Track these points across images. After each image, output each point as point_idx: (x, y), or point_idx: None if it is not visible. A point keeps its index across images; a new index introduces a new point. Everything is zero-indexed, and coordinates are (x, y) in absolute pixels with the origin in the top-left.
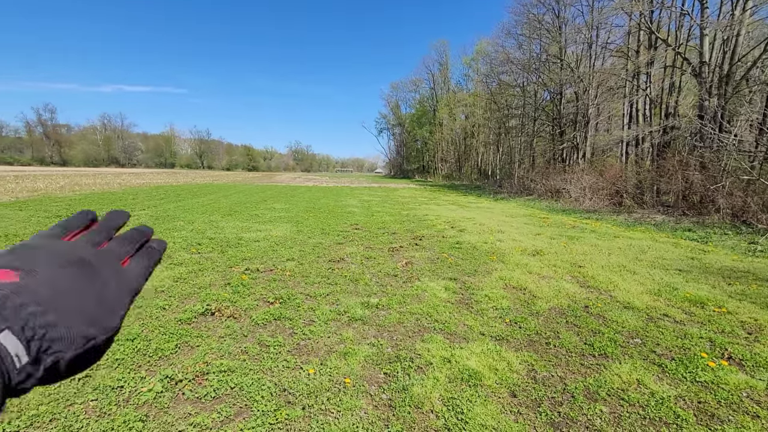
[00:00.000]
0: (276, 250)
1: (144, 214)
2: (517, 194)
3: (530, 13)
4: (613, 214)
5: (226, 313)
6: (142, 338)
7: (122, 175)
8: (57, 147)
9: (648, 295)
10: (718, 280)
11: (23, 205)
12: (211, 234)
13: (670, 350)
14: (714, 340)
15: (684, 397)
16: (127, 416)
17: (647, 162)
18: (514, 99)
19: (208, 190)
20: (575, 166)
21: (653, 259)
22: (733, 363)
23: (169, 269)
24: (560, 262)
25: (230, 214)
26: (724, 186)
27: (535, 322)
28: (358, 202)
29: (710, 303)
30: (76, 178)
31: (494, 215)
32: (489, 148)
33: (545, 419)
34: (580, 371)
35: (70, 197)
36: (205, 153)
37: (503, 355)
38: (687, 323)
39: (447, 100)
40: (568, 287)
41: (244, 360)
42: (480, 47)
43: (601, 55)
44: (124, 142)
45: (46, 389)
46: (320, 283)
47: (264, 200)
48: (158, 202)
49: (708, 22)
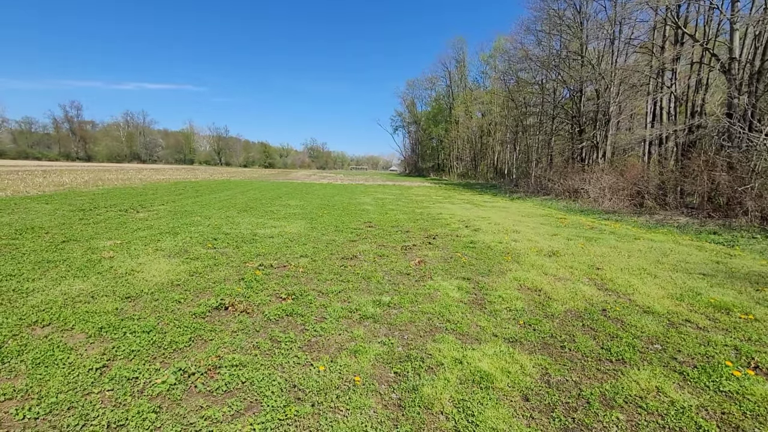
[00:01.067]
0: (290, 246)
1: (163, 210)
2: (533, 194)
3: (550, 8)
4: (634, 216)
5: (239, 308)
6: (157, 331)
7: (143, 171)
8: (82, 143)
9: (669, 299)
10: (745, 285)
11: (49, 199)
12: (226, 229)
13: (693, 357)
14: (740, 348)
15: (706, 407)
16: (141, 407)
17: (671, 162)
18: (532, 96)
19: (225, 186)
20: (595, 166)
21: (675, 262)
22: (760, 373)
23: (185, 263)
24: (577, 264)
25: (246, 210)
26: (753, 187)
27: (550, 324)
28: (372, 200)
29: (736, 309)
30: (100, 173)
31: (510, 215)
32: (505, 147)
33: (558, 425)
34: (596, 376)
35: (94, 191)
36: (223, 150)
37: (516, 358)
38: (711, 330)
39: (463, 98)
40: (585, 289)
41: (255, 355)
42: (498, 44)
43: (624, 52)
44: (145, 139)
45: (66, 377)
46: (332, 280)
47: (279, 197)
48: (177, 198)
49: (739, 16)
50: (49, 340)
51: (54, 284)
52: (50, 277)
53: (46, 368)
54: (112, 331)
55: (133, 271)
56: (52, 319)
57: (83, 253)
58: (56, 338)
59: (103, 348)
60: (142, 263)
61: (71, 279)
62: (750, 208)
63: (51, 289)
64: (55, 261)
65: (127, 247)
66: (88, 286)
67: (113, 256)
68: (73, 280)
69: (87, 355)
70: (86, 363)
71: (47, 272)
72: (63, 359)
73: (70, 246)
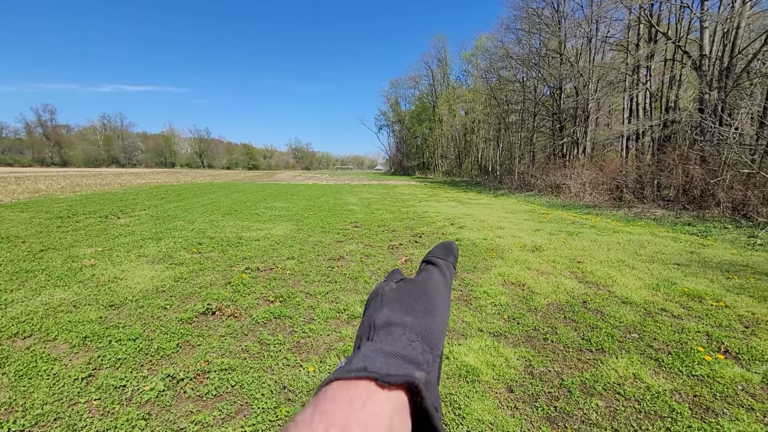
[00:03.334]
0: (276, 248)
1: (145, 215)
2: (517, 190)
3: (529, 7)
4: (613, 209)
5: (226, 312)
6: (143, 338)
7: (123, 175)
8: (57, 148)
9: (646, 289)
10: (717, 274)
11: (25, 207)
12: (211, 233)
13: (667, 345)
14: (711, 334)
15: (680, 390)
16: (129, 414)
17: (647, 156)
18: (513, 94)
19: (208, 189)
20: (575, 162)
21: (652, 253)
22: (729, 357)
23: (169, 269)
24: (559, 258)
25: (230, 213)
26: (724, 179)
27: (533, 317)
28: (358, 200)
29: (708, 297)
30: (77, 178)
31: (494, 211)
32: (489, 144)
33: (542, 414)
34: (577, 366)
35: (72, 198)
36: (205, 152)
37: (501, 351)
38: (684, 318)
39: (446, 96)
40: (566, 283)
41: (244, 358)
42: (479, 42)
43: (601, 49)
44: (124, 142)
45: (51, 389)
46: (320, 282)
47: (264, 199)
48: (159, 202)
49: (708, 14)
50: (31, 351)
51: (34, 294)
52: (29, 287)
53: (29, 380)
54: (96, 340)
55: (116, 279)
56: (33, 330)
57: (63, 261)
58: (39, 349)
59: (88, 357)
60: (126, 270)
61: (51, 288)
62: (722, 200)
63: (31, 299)
64: (33, 271)
65: (109, 255)
66: (69, 295)
67: (95, 263)
68: (54, 289)
69: (72, 365)
70: (71, 373)
71: (26, 282)
72: (47, 370)
73: (49, 255)
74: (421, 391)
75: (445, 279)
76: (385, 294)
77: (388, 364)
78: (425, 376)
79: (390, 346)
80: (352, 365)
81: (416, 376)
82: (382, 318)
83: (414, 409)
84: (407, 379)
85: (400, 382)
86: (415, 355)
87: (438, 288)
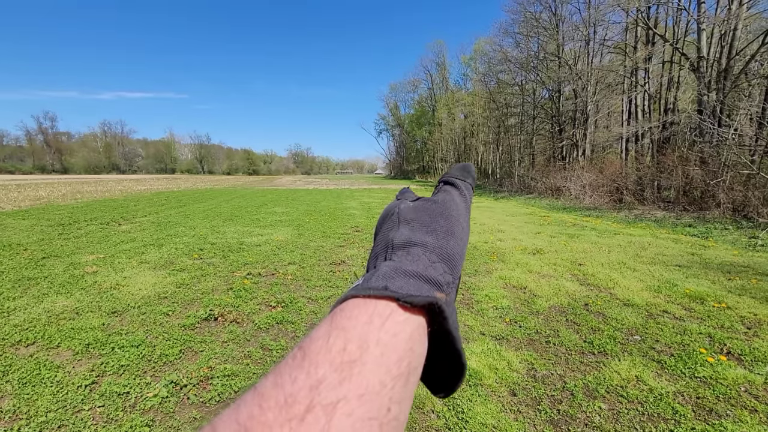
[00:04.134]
0: (277, 254)
1: (146, 221)
2: (517, 193)
3: (527, 11)
4: (614, 211)
5: (229, 318)
6: (146, 344)
7: (123, 182)
8: (58, 155)
9: (648, 291)
10: (718, 275)
11: (26, 214)
12: (212, 239)
13: (670, 346)
14: (713, 335)
15: (683, 392)
16: (133, 421)
17: (647, 158)
18: (512, 98)
19: (209, 195)
20: (575, 164)
21: (653, 255)
22: (731, 358)
23: (171, 275)
24: (560, 261)
25: (231, 219)
26: (724, 180)
27: (535, 321)
28: (359, 204)
29: (710, 298)
30: (78, 185)
31: (494, 214)
32: (489, 147)
33: (545, 417)
34: (580, 369)
35: (73, 205)
36: (206, 158)
37: (503, 355)
38: (686, 319)
39: (446, 100)
40: (568, 285)
41: (247, 364)
42: (478, 46)
43: (599, 52)
44: (124, 149)
45: (54, 396)
46: (322, 286)
47: (265, 204)
48: (160, 209)
49: (705, 17)
50: (34, 359)
51: (36, 302)
52: (32, 294)
53: (33, 387)
54: (99, 346)
55: (118, 286)
56: (36, 337)
57: (65, 268)
58: (42, 357)
59: (91, 364)
60: (127, 277)
61: (54, 296)
62: (722, 201)
63: (33, 307)
64: (36, 278)
65: (111, 261)
66: (72, 303)
67: (96, 270)
68: (56, 296)
69: (75, 372)
70: (75, 380)
71: (28, 290)
72: (50, 377)
73: (51, 262)
74: (444, 311)
75: (465, 200)
76: (402, 212)
77: (408, 284)
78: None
79: (410, 266)
80: (371, 283)
81: (438, 297)
82: (400, 237)
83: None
84: (430, 300)
85: (423, 302)
86: (436, 276)
87: (459, 208)
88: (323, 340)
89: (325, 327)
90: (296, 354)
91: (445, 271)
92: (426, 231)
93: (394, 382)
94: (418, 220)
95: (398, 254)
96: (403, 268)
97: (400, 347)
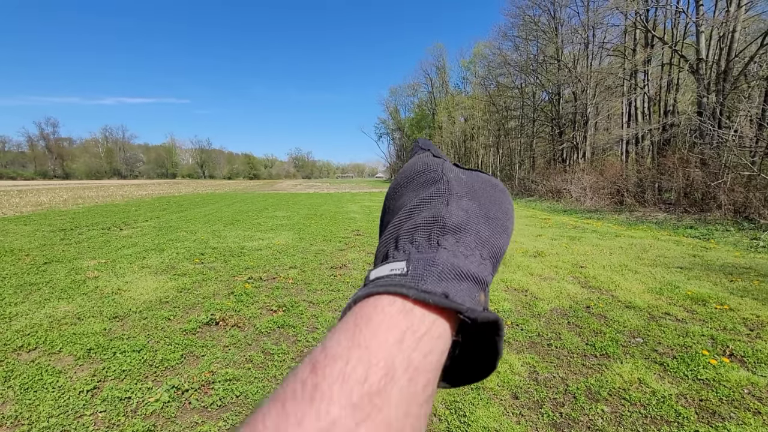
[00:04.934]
0: (278, 258)
1: (147, 226)
2: (518, 196)
3: (525, 15)
4: (615, 213)
5: (230, 322)
6: (148, 349)
7: (125, 187)
8: (59, 160)
9: (650, 293)
10: (720, 277)
11: (28, 220)
12: (213, 244)
13: (672, 349)
14: (715, 337)
15: (685, 395)
16: (135, 426)
17: (648, 160)
18: (512, 101)
19: (210, 199)
20: (575, 166)
21: (655, 257)
22: (734, 360)
23: (172, 280)
24: (562, 263)
25: (232, 223)
26: (725, 182)
27: (537, 323)
28: (359, 208)
29: (712, 300)
30: (79, 191)
31: None
32: (489, 150)
33: (547, 420)
34: (582, 372)
35: (74, 210)
36: (207, 162)
37: (505, 358)
38: (689, 321)
39: (446, 104)
40: (569, 288)
41: (248, 368)
42: (477, 50)
43: (598, 55)
44: (125, 154)
45: (56, 401)
46: (323, 290)
47: (265, 208)
48: (161, 213)
49: (703, 19)
50: (36, 364)
51: (38, 307)
52: (33, 300)
53: (35, 393)
54: (101, 351)
55: (120, 290)
56: (38, 342)
57: (66, 274)
58: (44, 362)
59: (93, 369)
60: (129, 282)
61: (55, 301)
62: (723, 202)
63: (35, 312)
64: (37, 283)
65: (112, 266)
66: (73, 308)
67: (98, 275)
68: (58, 302)
69: (77, 377)
70: (76, 385)
71: (30, 295)
72: (52, 383)
73: (53, 267)
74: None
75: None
76: (453, 184)
77: (462, 290)
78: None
79: (465, 262)
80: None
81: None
82: (455, 218)
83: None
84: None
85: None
86: (485, 276)
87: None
88: (341, 363)
89: (345, 340)
90: (306, 380)
91: (490, 272)
92: (484, 218)
93: (418, 409)
94: (475, 200)
95: (449, 241)
96: (458, 265)
97: (430, 369)
